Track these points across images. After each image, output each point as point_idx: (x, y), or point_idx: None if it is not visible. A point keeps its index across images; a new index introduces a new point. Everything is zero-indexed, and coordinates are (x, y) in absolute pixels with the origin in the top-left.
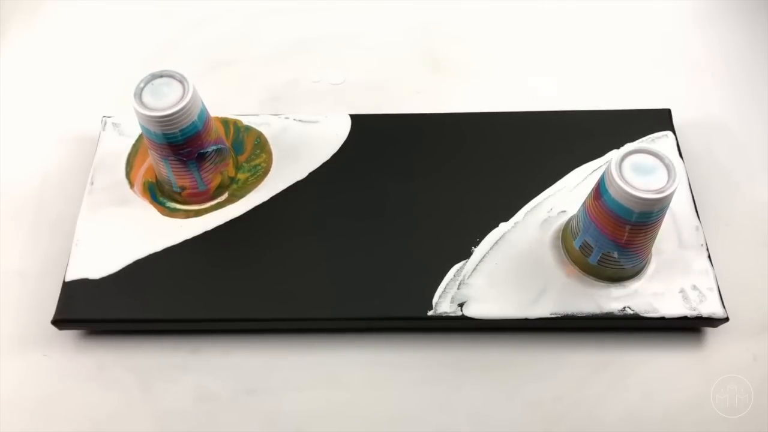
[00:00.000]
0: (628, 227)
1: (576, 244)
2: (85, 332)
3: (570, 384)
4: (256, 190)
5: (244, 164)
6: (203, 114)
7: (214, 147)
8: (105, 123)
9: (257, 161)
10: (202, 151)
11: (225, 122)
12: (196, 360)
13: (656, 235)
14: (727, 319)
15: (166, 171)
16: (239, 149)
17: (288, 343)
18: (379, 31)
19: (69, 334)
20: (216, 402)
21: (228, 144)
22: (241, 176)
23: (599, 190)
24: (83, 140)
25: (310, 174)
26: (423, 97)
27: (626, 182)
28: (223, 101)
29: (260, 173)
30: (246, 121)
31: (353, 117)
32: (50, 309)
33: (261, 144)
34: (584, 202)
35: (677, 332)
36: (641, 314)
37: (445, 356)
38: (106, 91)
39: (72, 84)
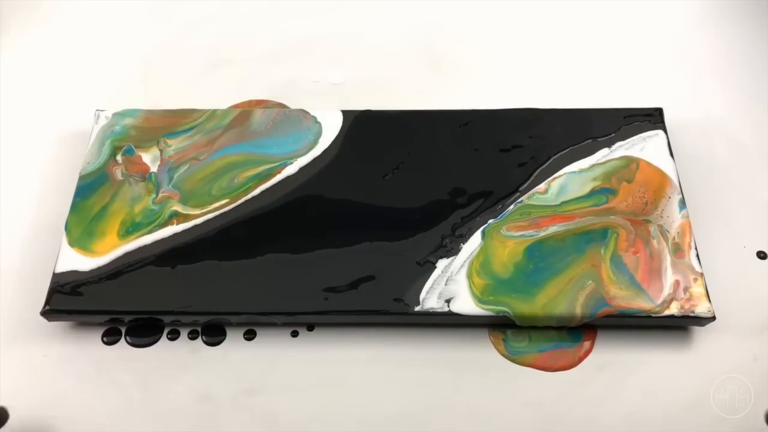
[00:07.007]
0: None
1: None
2: (84, 332)
3: (570, 384)
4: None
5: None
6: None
7: None
8: (98, 116)
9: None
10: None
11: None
12: (196, 360)
13: None
14: (714, 318)
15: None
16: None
17: (288, 342)
18: (379, 31)
19: (68, 334)
20: (216, 402)
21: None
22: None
23: None
24: (84, 139)
25: (301, 169)
26: (423, 96)
27: None
28: (222, 100)
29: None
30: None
31: (345, 113)
32: None
33: None
34: None
35: (677, 333)
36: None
37: (446, 356)
38: (106, 89)
39: (72, 82)
